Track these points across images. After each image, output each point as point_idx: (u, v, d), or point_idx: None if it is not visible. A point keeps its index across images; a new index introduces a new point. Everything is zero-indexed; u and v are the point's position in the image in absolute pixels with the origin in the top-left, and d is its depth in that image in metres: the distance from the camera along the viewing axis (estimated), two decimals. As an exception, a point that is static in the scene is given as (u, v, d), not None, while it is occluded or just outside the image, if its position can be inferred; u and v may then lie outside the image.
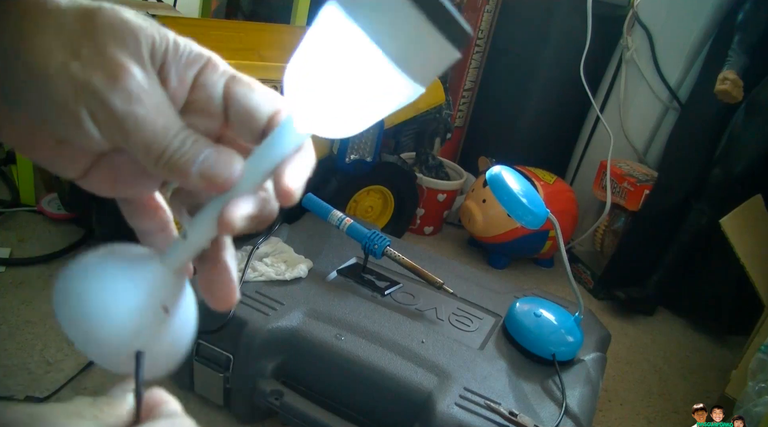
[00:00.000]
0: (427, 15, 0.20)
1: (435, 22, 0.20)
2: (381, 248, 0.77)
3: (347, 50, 0.20)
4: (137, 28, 0.21)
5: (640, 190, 1.08)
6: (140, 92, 0.21)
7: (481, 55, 1.33)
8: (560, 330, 0.71)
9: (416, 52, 0.21)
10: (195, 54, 0.23)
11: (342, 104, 0.22)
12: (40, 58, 0.20)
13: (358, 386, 0.63)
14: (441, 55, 0.21)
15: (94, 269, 0.23)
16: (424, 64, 0.21)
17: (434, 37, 0.20)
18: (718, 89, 0.96)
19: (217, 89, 0.23)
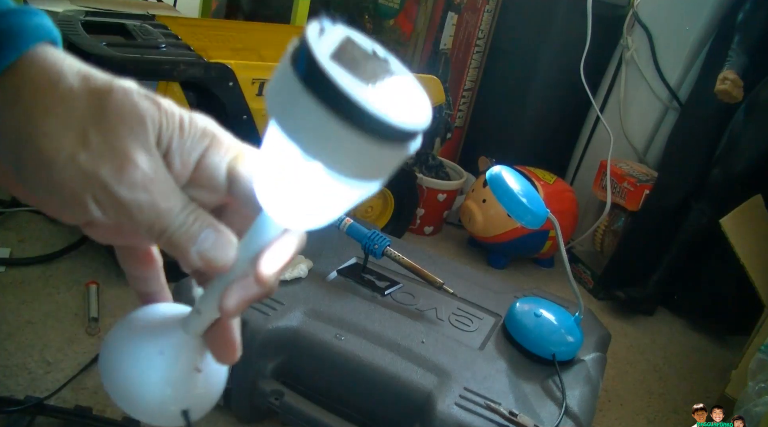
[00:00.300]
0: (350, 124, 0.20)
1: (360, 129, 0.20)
2: (381, 248, 0.77)
3: (291, 163, 0.21)
4: (145, 114, 0.22)
5: (640, 190, 1.08)
6: (145, 181, 0.22)
7: (481, 55, 1.33)
8: (560, 330, 0.71)
9: (351, 160, 0.21)
10: (200, 135, 0.24)
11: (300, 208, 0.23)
12: (49, 145, 0.21)
13: (358, 386, 0.63)
14: (382, 156, 0.21)
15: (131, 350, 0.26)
16: (366, 166, 0.21)
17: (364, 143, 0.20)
18: (718, 89, 0.96)
19: (221, 169, 0.24)
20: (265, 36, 1.11)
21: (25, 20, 0.23)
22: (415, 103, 0.22)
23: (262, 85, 0.88)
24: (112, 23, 0.90)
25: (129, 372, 0.26)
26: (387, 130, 0.20)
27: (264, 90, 0.22)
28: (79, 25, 0.83)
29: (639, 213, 1.10)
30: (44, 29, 0.23)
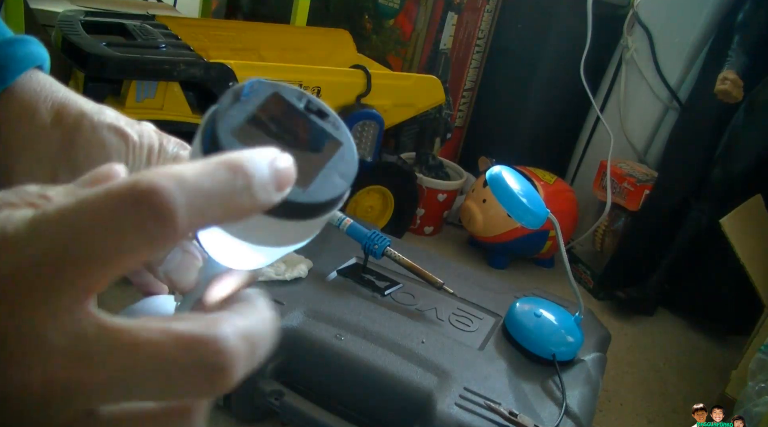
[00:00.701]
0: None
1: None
2: (381, 248, 0.77)
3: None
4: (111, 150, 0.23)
5: (640, 190, 1.08)
6: None
7: (481, 55, 1.33)
8: (560, 330, 0.71)
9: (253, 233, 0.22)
10: (171, 162, 0.25)
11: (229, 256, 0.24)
12: (23, 180, 0.21)
13: (358, 386, 0.63)
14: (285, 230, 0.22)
15: None
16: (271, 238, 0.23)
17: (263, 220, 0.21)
18: (718, 89, 0.96)
19: None
20: (265, 36, 1.11)
21: (11, 52, 0.23)
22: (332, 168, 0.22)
23: (262, 85, 0.88)
24: (112, 23, 0.90)
25: None
26: (282, 210, 0.20)
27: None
28: (79, 25, 0.83)
29: (639, 213, 1.10)
30: (31, 58, 0.24)
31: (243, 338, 0.18)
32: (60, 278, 0.16)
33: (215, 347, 0.17)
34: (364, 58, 1.15)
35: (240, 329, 0.18)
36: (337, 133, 0.24)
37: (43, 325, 0.16)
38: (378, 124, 0.98)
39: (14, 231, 0.16)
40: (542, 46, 1.27)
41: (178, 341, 0.17)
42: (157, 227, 0.16)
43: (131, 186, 0.16)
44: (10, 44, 0.24)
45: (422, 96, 1.07)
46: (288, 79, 0.90)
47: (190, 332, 0.17)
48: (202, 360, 0.17)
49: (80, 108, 0.24)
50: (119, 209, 0.16)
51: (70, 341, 0.16)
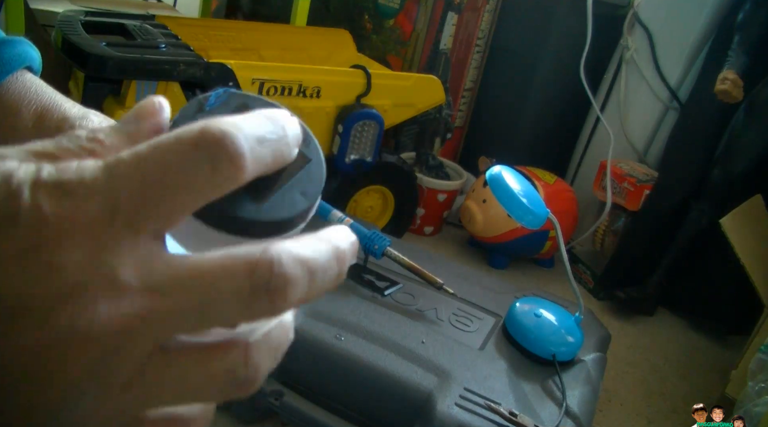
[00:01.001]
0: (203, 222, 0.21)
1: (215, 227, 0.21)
2: (381, 248, 0.77)
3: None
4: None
5: (640, 190, 1.08)
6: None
7: (481, 55, 1.33)
8: (560, 330, 0.71)
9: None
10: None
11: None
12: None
13: (357, 386, 0.63)
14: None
15: None
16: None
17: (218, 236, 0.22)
18: (718, 89, 0.96)
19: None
20: (265, 36, 1.11)
21: (0, 52, 0.24)
22: (294, 185, 0.22)
23: (262, 85, 0.88)
24: (112, 23, 0.90)
25: None
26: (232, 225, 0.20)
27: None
28: (79, 25, 0.83)
29: (639, 213, 1.10)
30: (18, 60, 0.24)
31: (299, 263, 0.19)
32: (138, 221, 0.18)
33: (274, 269, 0.18)
34: (364, 58, 1.15)
35: (295, 254, 0.19)
36: (306, 150, 0.23)
37: (121, 265, 0.17)
38: (378, 124, 0.98)
39: (92, 178, 0.17)
40: (542, 46, 1.27)
41: (243, 264, 0.18)
42: (228, 169, 0.18)
43: (202, 132, 0.18)
44: (3, 45, 0.24)
45: (422, 96, 1.07)
46: (288, 79, 0.90)
47: (251, 255, 0.18)
48: (263, 280, 0.18)
49: (63, 113, 0.25)
50: (193, 153, 0.18)
51: (147, 277, 0.18)
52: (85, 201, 0.17)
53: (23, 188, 0.17)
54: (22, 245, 0.16)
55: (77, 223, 0.17)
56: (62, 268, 0.17)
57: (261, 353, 0.21)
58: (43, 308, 0.16)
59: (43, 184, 0.17)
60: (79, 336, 0.17)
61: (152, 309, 0.17)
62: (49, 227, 0.17)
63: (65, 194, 0.17)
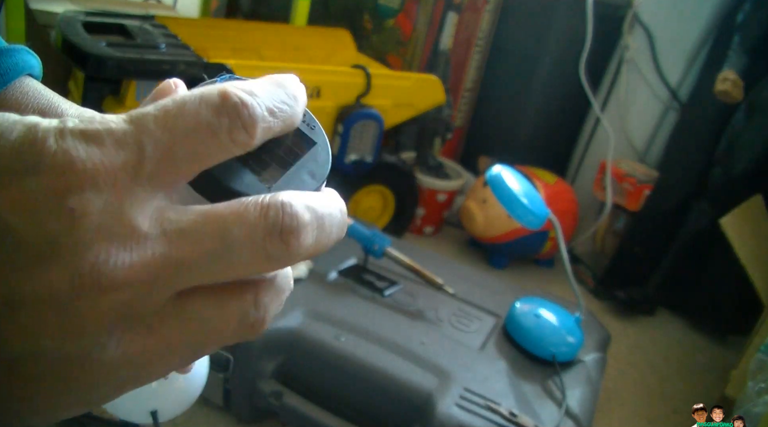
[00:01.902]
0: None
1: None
2: (381, 248, 0.77)
3: None
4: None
5: (640, 190, 1.08)
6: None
7: (481, 55, 1.33)
8: (560, 330, 0.71)
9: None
10: None
11: None
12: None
13: (357, 387, 0.63)
14: None
15: None
16: None
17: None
18: (718, 89, 0.96)
19: None
20: (265, 36, 1.11)
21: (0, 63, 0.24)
22: (302, 167, 0.22)
23: (262, 85, 0.88)
24: (112, 23, 0.90)
25: None
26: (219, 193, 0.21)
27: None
28: (79, 25, 0.83)
29: (639, 213, 1.09)
30: (16, 69, 0.25)
31: (309, 208, 0.20)
32: (159, 174, 0.18)
33: (285, 210, 0.19)
34: (364, 58, 1.15)
35: (305, 200, 0.20)
36: (312, 133, 0.23)
37: (141, 214, 0.18)
38: (378, 124, 0.98)
39: (119, 128, 0.18)
40: (542, 46, 1.27)
41: (255, 208, 0.19)
42: (242, 135, 0.19)
43: (222, 97, 0.19)
44: (2, 53, 0.24)
45: (422, 96, 1.07)
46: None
47: (263, 199, 0.19)
48: (277, 222, 0.19)
49: (60, 116, 0.25)
50: (215, 117, 0.19)
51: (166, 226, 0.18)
52: (111, 149, 0.18)
53: (48, 135, 0.17)
54: (46, 190, 0.17)
55: (102, 171, 0.17)
56: (86, 214, 0.17)
57: (269, 295, 0.22)
58: (67, 253, 0.17)
59: (69, 132, 0.17)
60: (103, 281, 0.17)
61: (171, 256, 0.18)
62: (75, 173, 0.17)
63: (91, 142, 0.17)
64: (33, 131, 0.17)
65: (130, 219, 0.18)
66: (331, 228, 0.21)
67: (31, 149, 0.17)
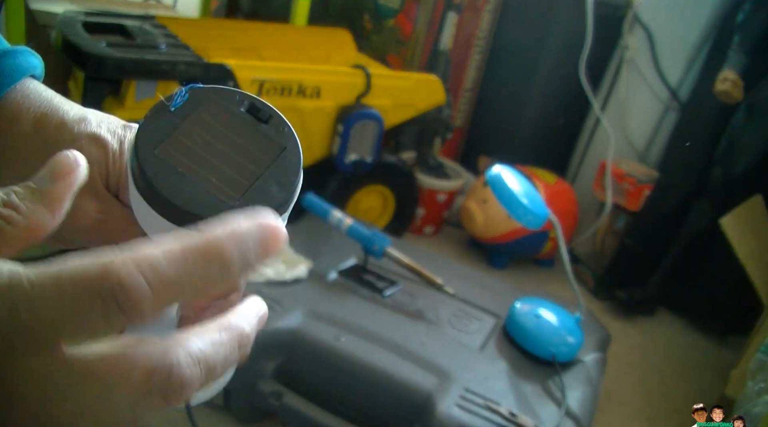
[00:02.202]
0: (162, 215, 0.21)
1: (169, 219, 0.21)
2: (381, 248, 0.77)
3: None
4: (92, 161, 0.23)
5: (640, 190, 1.08)
6: (96, 225, 0.24)
7: (481, 55, 1.33)
8: (561, 331, 0.71)
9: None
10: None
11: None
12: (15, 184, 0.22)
13: (358, 387, 0.63)
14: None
15: None
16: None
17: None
18: (718, 89, 0.96)
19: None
20: (265, 36, 1.11)
21: (2, 64, 0.24)
22: (269, 177, 0.21)
23: (262, 85, 0.88)
24: (112, 23, 0.90)
25: None
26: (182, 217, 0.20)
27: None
28: (80, 26, 0.83)
29: (639, 213, 1.09)
30: (19, 70, 0.24)
31: (198, 362, 0.19)
32: (34, 343, 0.18)
33: (172, 373, 0.19)
34: (364, 58, 1.15)
35: (195, 355, 0.19)
36: (280, 136, 0.22)
37: (20, 377, 0.18)
38: (378, 124, 0.98)
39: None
40: (542, 46, 1.27)
41: (140, 369, 0.18)
42: (122, 317, 0.18)
43: (101, 276, 0.17)
44: (6, 55, 0.24)
45: (422, 96, 1.07)
46: (288, 79, 0.90)
47: (149, 359, 0.19)
48: (161, 386, 0.19)
49: (61, 118, 0.25)
50: (88, 299, 0.17)
51: (43, 385, 0.18)
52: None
53: None
54: None
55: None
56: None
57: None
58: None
59: None
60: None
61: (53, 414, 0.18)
62: None
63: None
64: None
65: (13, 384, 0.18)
66: (222, 370, 0.21)
67: None
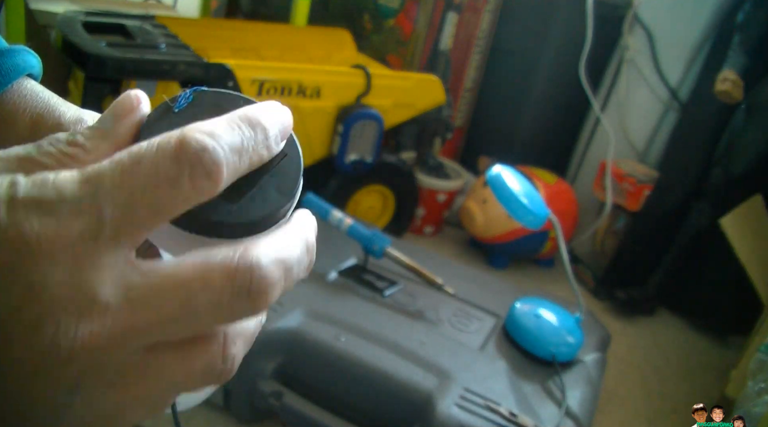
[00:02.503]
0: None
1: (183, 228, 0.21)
2: (381, 248, 0.77)
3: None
4: None
5: (640, 190, 1.08)
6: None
7: (481, 56, 1.33)
8: (561, 331, 0.71)
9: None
10: None
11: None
12: None
13: (358, 387, 0.63)
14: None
15: None
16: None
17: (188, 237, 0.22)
18: (718, 90, 0.96)
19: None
20: (265, 36, 1.11)
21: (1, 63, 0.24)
22: (269, 182, 0.21)
23: (261, 85, 0.88)
24: (112, 23, 0.90)
25: None
26: (208, 228, 0.20)
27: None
28: (79, 25, 0.83)
29: (639, 213, 1.10)
30: (17, 69, 0.25)
31: (277, 263, 0.20)
32: (119, 236, 0.18)
33: (254, 274, 0.19)
34: (364, 58, 1.15)
35: (273, 256, 0.20)
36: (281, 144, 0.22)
37: (102, 283, 0.17)
38: (378, 124, 0.98)
39: (73, 195, 0.17)
40: (542, 46, 1.27)
41: (222, 272, 0.18)
42: (206, 183, 0.18)
43: (181, 144, 0.18)
44: (3, 54, 0.24)
45: (422, 96, 1.07)
46: (288, 79, 0.90)
47: (229, 260, 0.18)
48: (245, 286, 0.19)
49: (57, 118, 0.25)
50: (174, 168, 0.18)
51: (127, 292, 0.18)
52: (67, 220, 0.17)
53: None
54: (1, 267, 0.16)
55: (59, 242, 0.17)
56: (44, 288, 0.16)
57: (237, 345, 0.22)
58: (25, 328, 0.17)
59: (21, 203, 0.17)
60: (62, 354, 0.17)
61: (132, 323, 0.18)
62: (30, 246, 0.16)
63: (46, 213, 0.17)
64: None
65: (91, 288, 0.17)
66: (299, 273, 0.21)
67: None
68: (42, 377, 0.17)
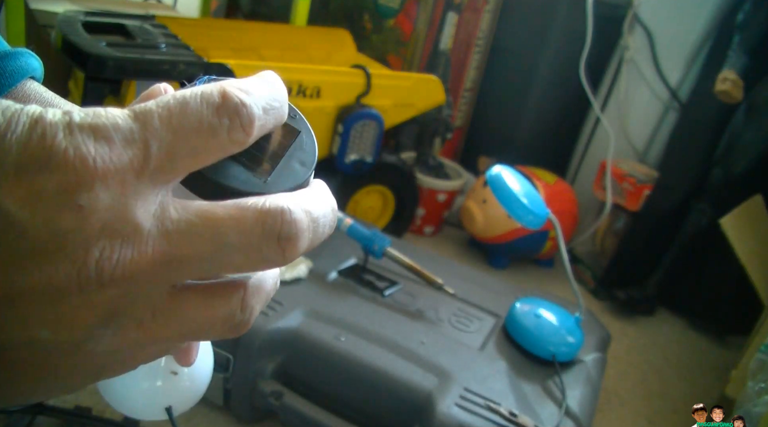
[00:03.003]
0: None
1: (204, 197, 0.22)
2: (381, 249, 0.77)
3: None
4: None
5: (640, 190, 1.08)
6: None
7: (481, 56, 1.33)
8: (560, 331, 0.71)
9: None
10: None
11: None
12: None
13: (358, 387, 0.63)
14: None
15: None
16: None
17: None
18: (718, 90, 0.96)
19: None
20: (265, 36, 1.11)
21: (1, 68, 0.24)
22: (291, 157, 0.23)
23: (262, 85, 0.88)
24: (112, 23, 0.90)
25: (116, 390, 0.30)
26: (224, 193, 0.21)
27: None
28: (79, 25, 0.83)
29: (639, 213, 1.10)
30: (20, 72, 0.25)
31: (306, 212, 0.20)
32: (162, 172, 0.19)
33: (284, 217, 0.19)
34: (364, 58, 1.15)
35: (303, 204, 0.21)
36: (294, 123, 0.24)
37: (145, 212, 0.18)
38: (378, 124, 0.98)
39: (126, 125, 0.18)
40: (542, 46, 1.27)
41: (253, 214, 0.19)
42: (241, 135, 0.20)
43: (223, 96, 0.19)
44: (5, 58, 0.24)
45: (422, 96, 1.07)
46: (288, 79, 0.90)
47: (262, 205, 0.19)
48: (275, 229, 0.19)
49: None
50: (216, 117, 0.19)
51: (166, 225, 0.18)
52: (119, 148, 0.18)
53: (56, 130, 0.17)
54: (57, 187, 0.17)
55: (111, 168, 0.17)
56: (93, 211, 0.17)
57: (255, 297, 0.22)
58: (73, 249, 0.17)
59: (78, 126, 0.17)
60: (105, 277, 0.18)
61: (169, 255, 0.18)
62: (87, 168, 0.17)
63: (100, 138, 0.17)
64: (40, 125, 0.17)
65: (134, 216, 0.18)
66: (324, 228, 0.22)
67: (41, 145, 0.17)
68: (78, 302, 0.18)
